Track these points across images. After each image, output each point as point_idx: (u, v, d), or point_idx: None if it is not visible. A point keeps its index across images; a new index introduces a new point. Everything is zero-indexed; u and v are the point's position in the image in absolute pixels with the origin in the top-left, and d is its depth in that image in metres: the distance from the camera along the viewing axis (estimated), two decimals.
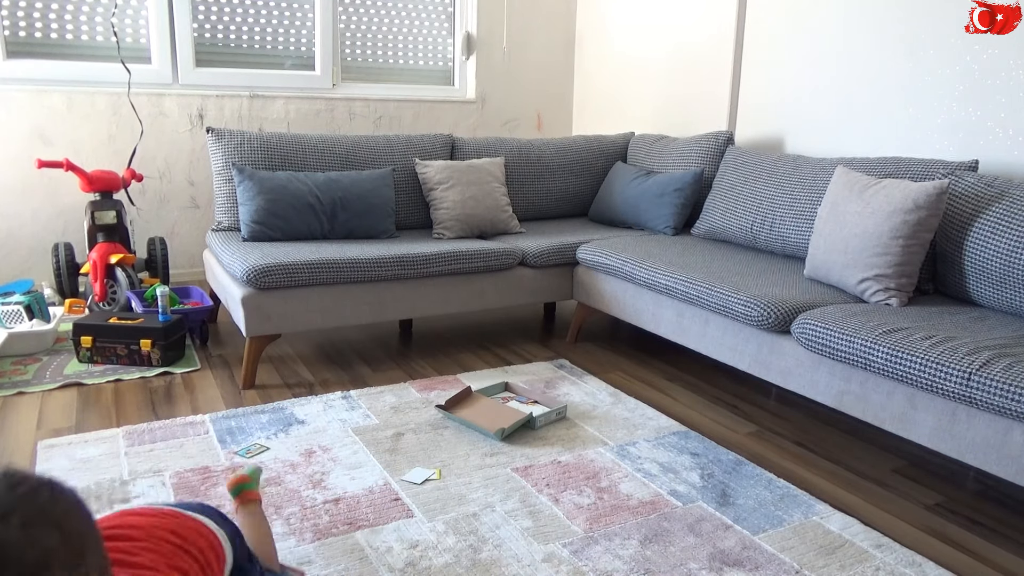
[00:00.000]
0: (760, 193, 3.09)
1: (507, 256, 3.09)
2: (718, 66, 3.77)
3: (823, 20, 3.27)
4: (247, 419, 2.40)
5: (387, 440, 2.27)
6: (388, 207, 3.24)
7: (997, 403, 1.75)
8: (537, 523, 1.85)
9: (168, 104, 3.92)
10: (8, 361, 2.86)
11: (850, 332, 2.08)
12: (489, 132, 4.75)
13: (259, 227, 3.01)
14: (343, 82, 4.40)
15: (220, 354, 3.03)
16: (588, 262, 3.14)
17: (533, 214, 3.80)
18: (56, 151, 3.69)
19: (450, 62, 4.72)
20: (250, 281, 2.60)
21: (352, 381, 2.78)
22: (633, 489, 2.03)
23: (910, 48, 2.92)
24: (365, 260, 2.77)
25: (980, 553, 1.80)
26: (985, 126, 2.70)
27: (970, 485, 2.14)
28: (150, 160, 3.92)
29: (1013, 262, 2.22)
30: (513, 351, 3.18)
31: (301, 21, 4.23)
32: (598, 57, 4.74)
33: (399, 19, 4.51)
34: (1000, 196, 2.32)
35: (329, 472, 2.07)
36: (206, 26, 4.00)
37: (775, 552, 1.75)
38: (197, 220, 4.08)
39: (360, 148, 3.40)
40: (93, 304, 3.30)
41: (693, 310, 2.66)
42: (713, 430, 2.45)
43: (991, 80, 2.67)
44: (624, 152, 4.02)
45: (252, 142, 3.21)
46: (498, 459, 2.17)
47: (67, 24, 3.71)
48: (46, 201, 3.75)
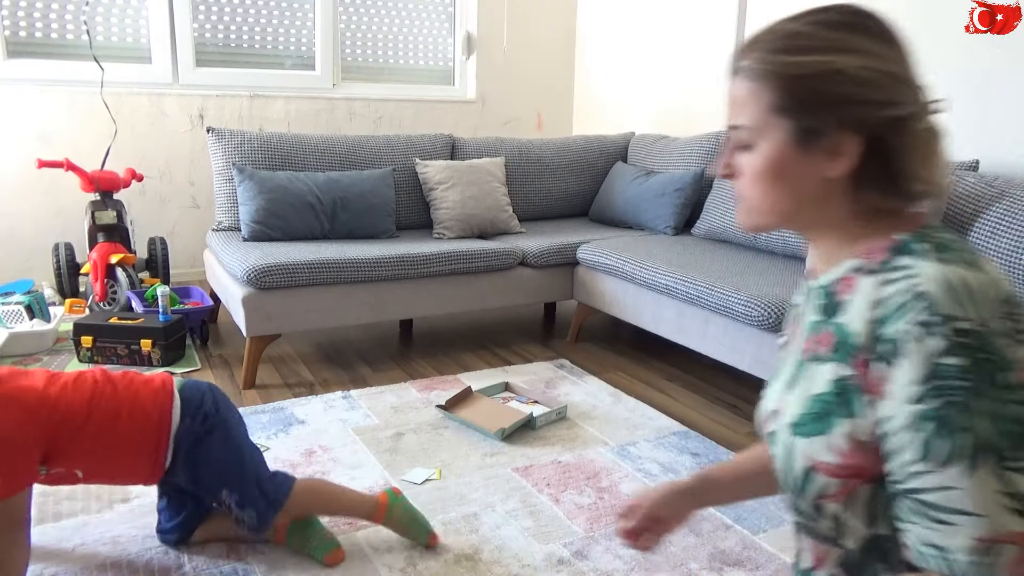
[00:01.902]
0: None
1: (507, 256, 3.08)
2: (718, 66, 3.77)
3: None
4: (247, 419, 2.38)
5: (387, 440, 2.28)
6: (388, 207, 3.24)
7: None
8: (538, 523, 1.85)
9: (168, 104, 3.92)
10: (8, 361, 2.86)
11: None
12: (489, 132, 4.75)
13: (259, 227, 3.01)
14: (343, 82, 4.40)
15: (220, 354, 3.03)
16: (588, 262, 3.14)
17: (533, 214, 3.80)
18: (56, 151, 3.69)
19: (450, 62, 4.73)
20: (250, 281, 2.60)
21: (352, 381, 2.78)
22: (634, 489, 2.03)
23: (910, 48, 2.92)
24: (365, 260, 2.77)
25: None
26: (985, 126, 2.70)
27: None
28: (150, 160, 3.92)
29: (1014, 262, 2.22)
30: (513, 351, 3.18)
31: (301, 21, 4.23)
32: (598, 57, 4.74)
33: (399, 19, 4.51)
34: (1000, 196, 2.32)
35: (329, 472, 2.07)
36: (206, 26, 4.00)
37: (775, 552, 1.75)
38: (197, 220, 4.08)
39: (360, 148, 3.40)
40: (93, 304, 3.30)
41: (693, 310, 2.66)
42: (713, 430, 2.45)
43: (991, 80, 2.67)
44: (624, 152, 4.02)
45: (252, 142, 3.21)
46: (498, 459, 2.17)
47: (67, 24, 3.71)
48: (46, 201, 3.75)
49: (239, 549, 1.70)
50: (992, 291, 0.71)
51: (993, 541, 0.68)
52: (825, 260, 0.85)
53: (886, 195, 0.80)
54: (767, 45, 0.81)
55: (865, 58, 0.77)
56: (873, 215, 0.81)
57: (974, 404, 0.69)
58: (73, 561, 1.65)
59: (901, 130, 0.78)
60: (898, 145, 0.78)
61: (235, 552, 1.69)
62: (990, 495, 0.68)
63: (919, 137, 0.79)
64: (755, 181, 0.83)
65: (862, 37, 0.78)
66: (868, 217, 0.81)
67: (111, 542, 1.72)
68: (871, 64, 0.77)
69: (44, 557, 1.66)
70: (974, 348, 0.69)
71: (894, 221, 0.81)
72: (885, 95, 0.78)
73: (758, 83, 0.81)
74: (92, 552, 1.68)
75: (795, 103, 0.79)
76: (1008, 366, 0.69)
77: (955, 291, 0.70)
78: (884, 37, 0.80)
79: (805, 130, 0.79)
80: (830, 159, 0.79)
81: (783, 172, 0.81)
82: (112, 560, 1.66)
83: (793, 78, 0.78)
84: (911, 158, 0.79)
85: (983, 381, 0.69)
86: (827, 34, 0.78)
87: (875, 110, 0.77)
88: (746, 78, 0.83)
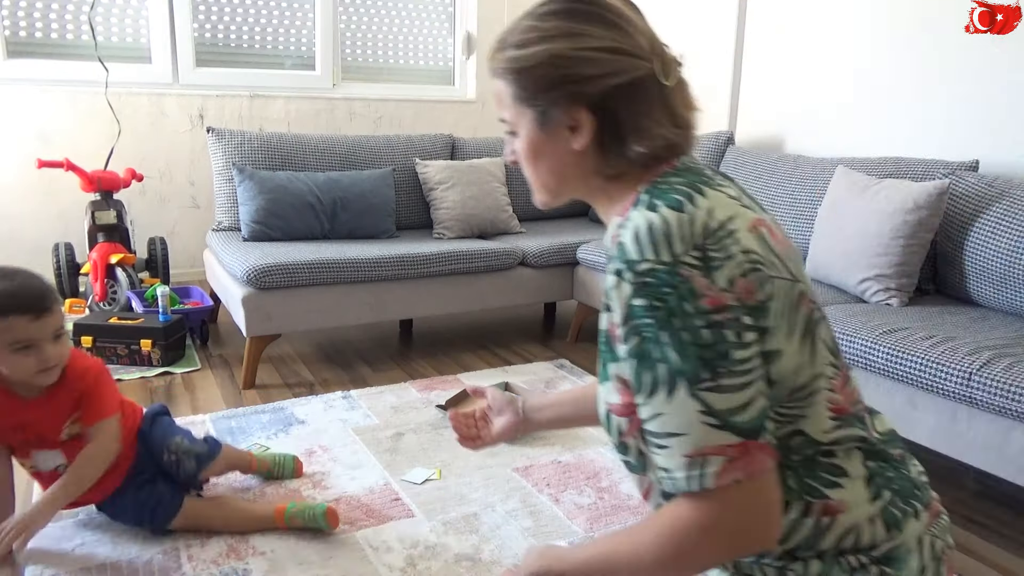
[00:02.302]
0: (760, 193, 3.09)
1: (507, 256, 3.09)
2: (718, 66, 3.77)
3: (823, 20, 3.27)
4: (247, 419, 2.40)
5: (387, 440, 2.27)
6: (388, 207, 3.24)
7: (997, 403, 1.75)
8: (538, 523, 1.85)
9: (168, 104, 3.92)
10: None
11: (850, 332, 2.08)
12: (489, 132, 4.75)
13: (259, 227, 3.01)
14: (343, 82, 4.40)
15: (220, 354, 3.03)
16: (588, 262, 3.14)
17: (533, 214, 3.80)
18: (56, 151, 3.69)
19: (450, 62, 4.73)
20: (250, 281, 2.60)
21: (352, 381, 2.78)
22: (633, 489, 2.03)
23: (910, 48, 2.92)
24: (365, 260, 2.77)
25: (980, 553, 1.80)
26: (985, 126, 2.70)
27: (970, 485, 2.14)
28: (151, 160, 3.92)
29: (1014, 262, 2.22)
30: (513, 351, 3.18)
31: (301, 21, 4.23)
32: None
33: (399, 19, 4.51)
34: (1000, 196, 2.32)
35: (329, 472, 2.07)
36: (206, 26, 4.00)
37: None
38: (197, 220, 4.08)
39: (360, 148, 3.40)
40: (93, 304, 3.30)
41: None
42: None
43: (991, 80, 2.67)
44: None
45: (252, 142, 3.21)
46: (498, 459, 2.17)
47: (67, 24, 3.71)
48: (46, 201, 3.75)
49: (239, 549, 1.70)
50: (688, 227, 0.79)
51: (700, 455, 0.76)
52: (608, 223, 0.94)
53: (627, 156, 0.88)
54: (506, 43, 0.91)
55: (578, 39, 0.86)
56: (625, 175, 0.90)
57: (663, 337, 0.77)
58: (73, 561, 1.65)
59: (626, 96, 0.87)
60: (625, 110, 0.87)
61: (235, 552, 1.69)
62: (689, 415, 0.76)
63: (646, 98, 0.87)
64: (525, 164, 0.95)
65: (576, 22, 0.87)
66: (622, 178, 0.90)
67: (111, 542, 1.72)
68: (584, 44, 0.86)
69: (44, 557, 1.66)
70: (655, 286, 0.77)
71: (643, 176, 0.89)
72: (600, 69, 0.86)
73: (503, 79, 0.92)
74: (92, 552, 1.68)
75: (529, 92, 0.89)
76: (694, 295, 0.76)
77: (641, 237, 0.79)
78: (599, 17, 0.87)
79: (543, 113, 0.89)
80: (572, 134, 0.89)
81: (539, 152, 0.92)
82: (112, 560, 1.66)
83: (523, 70, 0.89)
84: (641, 118, 0.87)
85: (668, 315, 0.77)
86: (548, 24, 0.88)
87: (594, 84, 0.86)
88: (496, 76, 0.93)
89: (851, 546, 0.84)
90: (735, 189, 0.89)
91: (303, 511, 1.78)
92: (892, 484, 0.87)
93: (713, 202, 0.82)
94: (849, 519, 0.83)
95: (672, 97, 0.89)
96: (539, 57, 0.87)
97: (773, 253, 0.83)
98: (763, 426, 0.78)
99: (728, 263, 0.78)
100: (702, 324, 0.76)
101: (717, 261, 0.78)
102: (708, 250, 0.78)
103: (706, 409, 0.76)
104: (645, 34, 0.89)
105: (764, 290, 0.80)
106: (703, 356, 0.76)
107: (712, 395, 0.76)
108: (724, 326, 0.77)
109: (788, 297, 0.82)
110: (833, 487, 0.84)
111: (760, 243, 0.82)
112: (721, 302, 0.77)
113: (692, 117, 0.91)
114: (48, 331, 1.58)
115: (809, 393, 0.83)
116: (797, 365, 0.82)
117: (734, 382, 0.76)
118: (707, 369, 0.76)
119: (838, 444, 0.85)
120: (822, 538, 0.83)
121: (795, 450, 0.84)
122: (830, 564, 0.83)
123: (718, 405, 0.76)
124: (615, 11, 0.88)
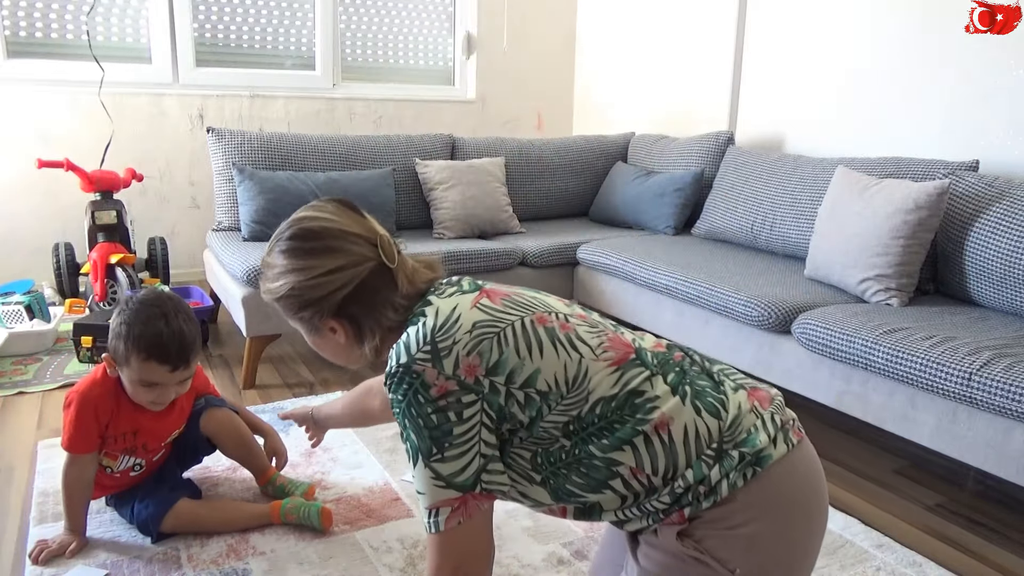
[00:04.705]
0: (760, 193, 3.09)
1: (507, 256, 3.08)
2: (718, 66, 3.77)
3: (823, 20, 3.27)
4: None
5: (387, 440, 2.27)
6: (388, 207, 3.24)
7: (998, 403, 1.75)
8: (537, 523, 1.85)
9: (168, 104, 3.92)
10: (8, 361, 2.86)
11: (851, 332, 2.09)
12: (489, 132, 4.75)
13: (259, 227, 3.01)
14: (343, 82, 4.40)
15: (220, 354, 3.03)
16: (588, 262, 3.14)
17: (533, 214, 3.80)
18: (56, 151, 3.69)
19: (450, 62, 4.73)
20: (250, 281, 2.60)
21: (352, 381, 2.78)
22: None
23: (910, 48, 2.92)
24: None
25: (980, 553, 1.80)
26: (985, 126, 2.70)
27: (970, 485, 2.14)
28: (150, 160, 3.92)
29: (1014, 262, 2.22)
30: None
31: (301, 21, 4.23)
32: (598, 57, 4.74)
33: (399, 19, 4.51)
34: (1000, 196, 2.32)
35: (329, 472, 2.07)
36: (206, 26, 4.00)
37: None
38: (197, 220, 4.08)
39: (360, 148, 3.40)
40: (93, 304, 3.30)
41: (693, 310, 2.66)
42: None
43: (991, 80, 2.67)
44: (624, 152, 4.02)
45: (252, 142, 3.21)
46: None
47: (67, 24, 3.71)
48: (46, 201, 3.75)
49: (239, 549, 1.70)
50: (420, 333, 1.03)
51: (435, 507, 1.03)
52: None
53: (380, 330, 1.12)
54: (264, 275, 1.17)
55: (305, 272, 1.10)
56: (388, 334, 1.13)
57: (407, 423, 1.03)
58: (73, 561, 1.65)
59: (356, 300, 1.10)
60: (360, 309, 1.11)
61: (235, 552, 1.69)
62: (426, 480, 1.03)
63: (376, 288, 1.11)
64: (319, 351, 1.21)
65: (299, 258, 1.10)
66: (386, 337, 1.13)
67: (111, 542, 1.72)
68: (310, 275, 1.09)
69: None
70: (400, 382, 1.02)
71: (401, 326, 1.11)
72: (327, 289, 1.09)
73: (273, 303, 1.16)
74: (92, 552, 1.68)
75: (290, 313, 1.15)
76: (425, 386, 1.01)
77: (393, 354, 1.05)
78: (319, 250, 1.10)
79: (308, 323, 1.14)
80: (335, 334, 1.14)
81: (321, 348, 1.20)
82: (112, 560, 1.66)
83: (278, 300, 1.14)
84: (376, 308, 1.11)
85: (409, 404, 1.02)
86: (283, 262, 1.12)
87: (327, 301, 1.10)
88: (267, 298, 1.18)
89: (704, 445, 1.01)
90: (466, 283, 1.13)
91: (298, 507, 1.78)
92: (689, 383, 1.06)
93: (438, 304, 1.07)
94: (679, 424, 1.02)
95: (398, 273, 1.12)
96: (283, 290, 1.12)
97: (497, 309, 1.06)
98: (478, 480, 1.03)
99: (455, 347, 1.01)
100: (431, 411, 1.01)
101: (444, 350, 1.01)
102: (437, 342, 1.02)
103: (435, 475, 1.02)
104: (363, 233, 1.11)
105: (492, 353, 1.02)
106: (432, 436, 1.01)
107: (439, 465, 1.01)
108: (447, 409, 1.00)
109: (523, 330, 1.04)
110: (652, 411, 1.02)
111: (483, 312, 1.05)
112: (445, 389, 1.00)
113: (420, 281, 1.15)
114: (177, 379, 1.65)
115: (584, 375, 1.03)
116: (560, 365, 1.03)
117: (455, 452, 1.01)
118: (436, 445, 1.01)
119: (629, 384, 1.04)
120: (676, 452, 1.01)
121: (604, 413, 1.03)
122: (697, 466, 1.00)
123: (444, 472, 1.01)
124: (332, 233, 1.10)
